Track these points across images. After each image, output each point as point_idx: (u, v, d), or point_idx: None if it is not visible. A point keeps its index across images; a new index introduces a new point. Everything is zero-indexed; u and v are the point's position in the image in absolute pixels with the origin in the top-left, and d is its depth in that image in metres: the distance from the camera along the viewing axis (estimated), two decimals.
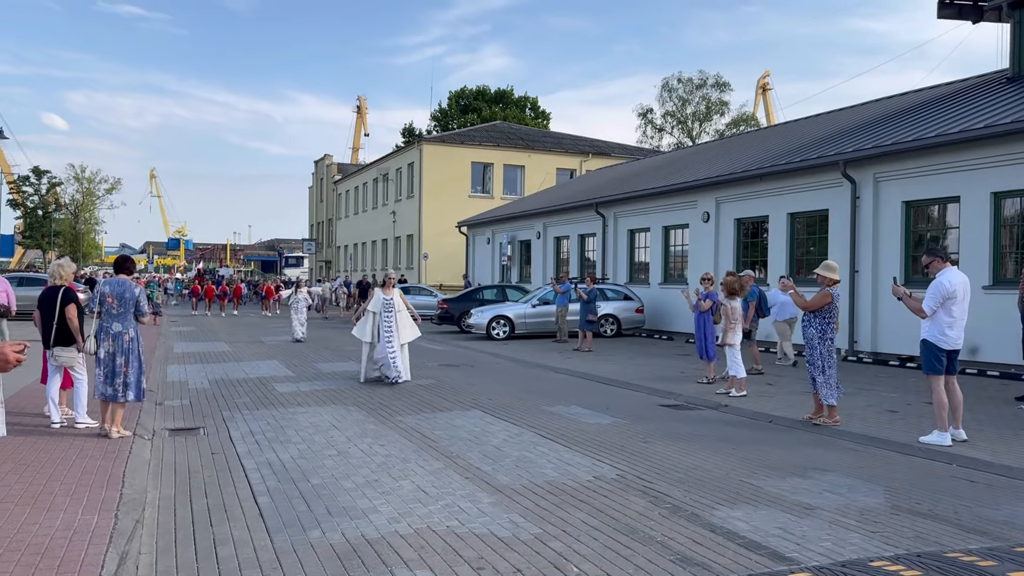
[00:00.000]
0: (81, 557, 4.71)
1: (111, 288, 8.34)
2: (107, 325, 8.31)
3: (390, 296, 13.35)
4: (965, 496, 6.42)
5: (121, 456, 7.38)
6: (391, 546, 5.14)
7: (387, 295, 13.36)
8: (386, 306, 13.28)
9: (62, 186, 70.19)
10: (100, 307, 8.35)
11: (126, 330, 8.33)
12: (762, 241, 20.05)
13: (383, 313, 13.25)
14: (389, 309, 13.27)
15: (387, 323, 13.16)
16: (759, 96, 77.76)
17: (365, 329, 13.27)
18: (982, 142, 14.05)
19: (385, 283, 13.60)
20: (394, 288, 13.58)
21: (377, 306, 13.30)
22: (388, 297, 13.33)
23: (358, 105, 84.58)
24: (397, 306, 13.33)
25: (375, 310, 13.27)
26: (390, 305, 13.29)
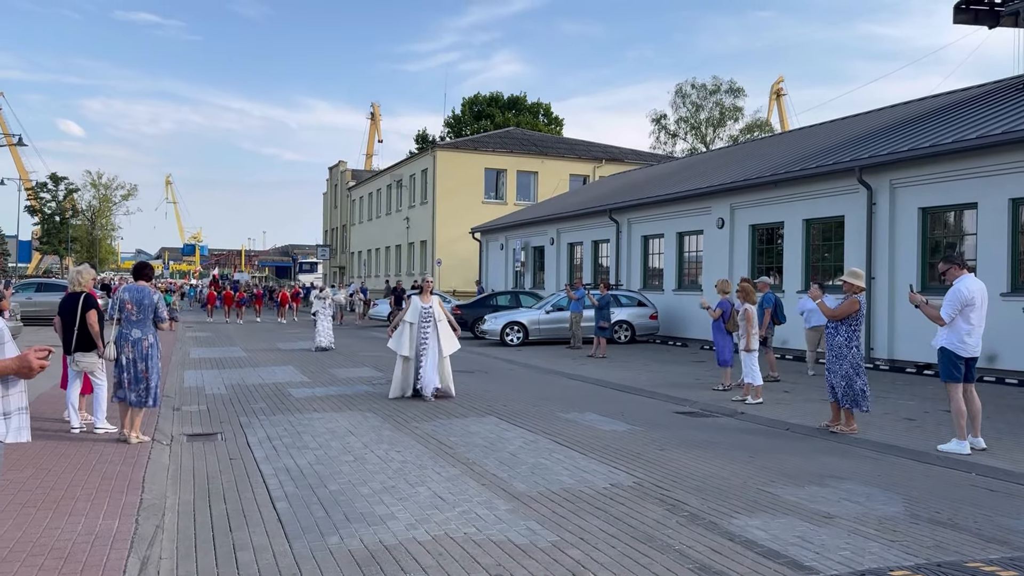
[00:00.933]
0: (103, 562, 4.75)
1: (130, 295, 8.41)
2: (127, 331, 8.38)
3: (428, 304, 12.14)
4: (985, 505, 6.38)
5: (140, 461, 7.44)
6: (409, 552, 5.16)
7: (425, 303, 12.13)
8: (424, 316, 12.06)
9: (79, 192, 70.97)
10: (120, 313, 8.42)
11: (145, 336, 8.40)
12: (777, 247, 19.97)
13: (421, 324, 12.06)
14: (427, 319, 12.07)
15: (424, 335, 12.00)
16: (773, 102, 77.59)
17: (402, 341, 11.98)
18: (1000, 148, 13.96)
19: (423, 289, 12.45)
20: (433, 295, 12.41)
21: (414, 316, 12.05)
22: (427, 306, 12.11)
23: (372, 111, 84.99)
24: (436, 315, 12.12)
25: (412, 320, 12.03)
26: (428, 315, 12.08)
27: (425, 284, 12.50)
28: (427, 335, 12.00)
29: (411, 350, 11.95)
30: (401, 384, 12.09)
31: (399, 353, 12.03)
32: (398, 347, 12.03)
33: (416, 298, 12.33)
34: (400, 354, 12.02)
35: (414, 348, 11.98)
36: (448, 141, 54.97)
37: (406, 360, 12.03)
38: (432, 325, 12.03)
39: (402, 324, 12.14)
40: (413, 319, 12.03)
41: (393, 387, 12.12)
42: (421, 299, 12.24)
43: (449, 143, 48.25)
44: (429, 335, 12.01)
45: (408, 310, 12.20)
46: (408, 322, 12.06)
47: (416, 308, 12.10)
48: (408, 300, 12.97)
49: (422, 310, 12.08)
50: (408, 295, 22.02)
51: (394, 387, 12.10)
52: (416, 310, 12.10)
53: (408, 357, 11.99)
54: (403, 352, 11.98)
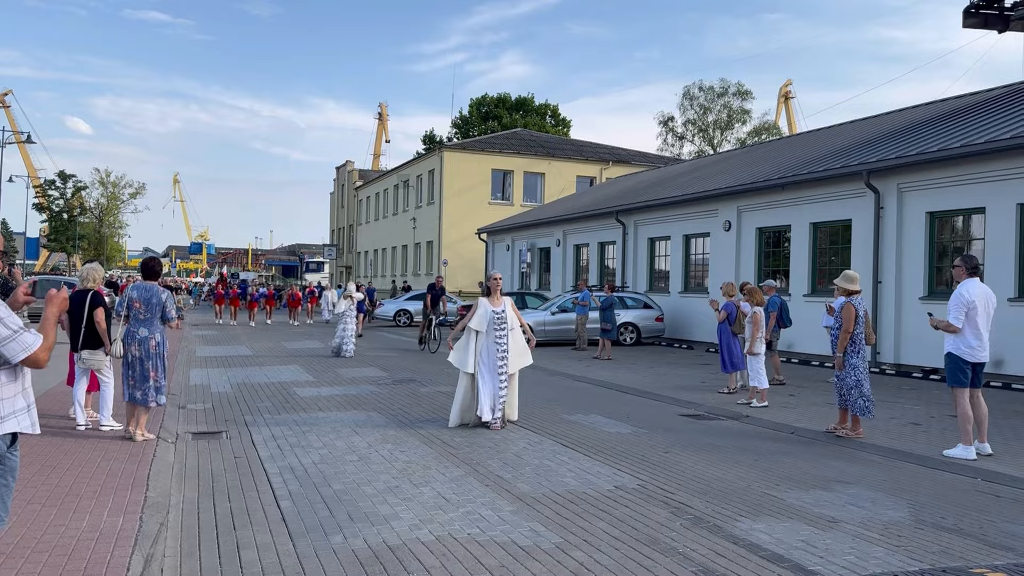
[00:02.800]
0: (107, 559, 4.76)
1: (138, 293, 8.42)
2: (134, 330, 8.40)
3: (501, 308, 9.73)
4: (991, 511, 6.35)
5: (145, 459, 7.45)
6: (413, 553, 5.16)
7: (496, 306, 9.73)
8: (496, 322, 9.65)
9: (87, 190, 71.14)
10: (127, 311, 8.44)
11: (152, 335, 8.41)
12: (784, 251, 19.93)
13: (493, 333, 9.66)
14: (501, 327, 9.65)
15: (499, 347, 9.62)
16: (781, 105, 77.52)
17: (466, 356, 9.69)
18: (1009, 153, 13.91)
19: (491, 290, 9.87)
20: (504, 297, 9.99)
21: (483, 323, 9.70)
22: (499, 309, 9.70)
23: (379, 112, 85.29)
24: (510, 322, 9.74)
25: (479, 328, 9.70)
26: (502, 321, 9.65)
27: (492, 283, 9.90)
28: (503, 348, 9.62)
29: (476, 365, 9.68)
30: (462, 409, 9.73)
31: (463, 370, 9.69)
32: (461, 363, 9.69)
33: (484, 301, 9.84)
34: (464, 371, 9.69)
35: (486, 364, 9.65)
36: (455, 142, 55.02)
37: (471, 379, 9.68)
38: (506, 335, 9.64)
39: (466, 333, 9.83)
40: (481, 327, 9.67)
41: (453, 413, 9.78)
42: (491, 301, 9.80)
43: (456, 144, 48.30)
44: (506, 348, 9.63)
45: (474, 315, 9.78)
46: (474, 330, 9.71)
47: (486, 313, 9.74)
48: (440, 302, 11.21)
49: (493, 315, 9.68)
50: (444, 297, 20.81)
51: (454, 413, 9.77)
52: (486, 316, 9.73)
53: (474, 375, 9.65)
54: (467, 368, 9.64)
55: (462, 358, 9.75)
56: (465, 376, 9.71)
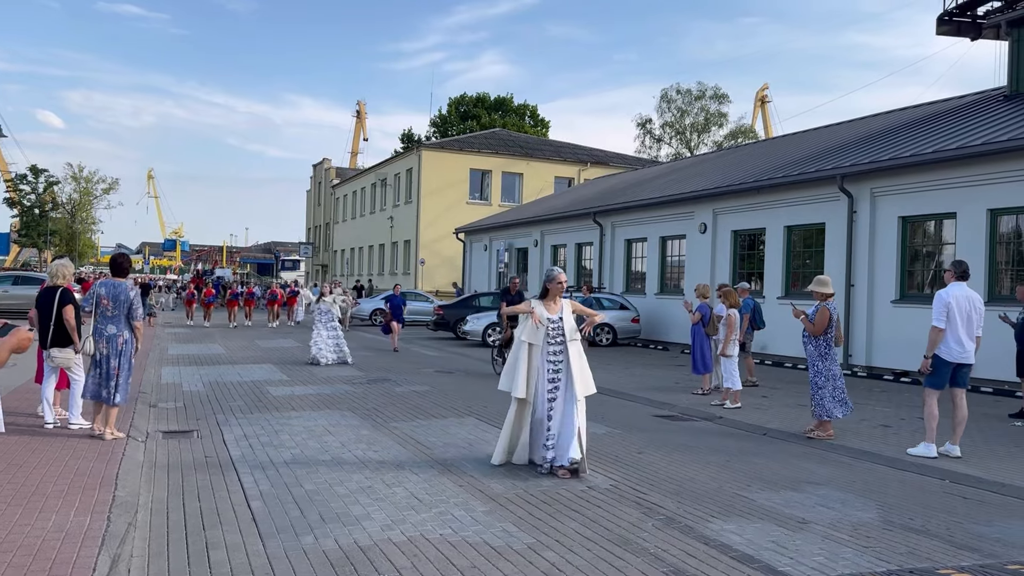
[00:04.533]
0: (73, 559, 4.69)
1: (106, 290, 8.31)
2: (101, 327, 8.29)
3: (558, 314, 7.60)
4: (958, 512, 6.43)
5: (114, 458, 7.36)
6: (384, 553, 5.13)
7: (553, 312, 7.61)
8: (553, 334, 7.52)
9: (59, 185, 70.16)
10: (95, 308, 8.33)
11: (120, 332, 8.30)
12: (759, 253, 20.09)
13: (549, 346, 7.52)
14: (558, 339, 7.51)
15: (552, 365, 7.50)
16: (758, 108, 78.00)
17: (516, 376, 7.53)
18: (979, 159, 14.12)
19: (548, 291, 7.71)
20: (563, 300, 7.79)
21: (537, 334, 7.54)
22: (555, 317, 7.57)
23: (357, 110, 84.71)
24: (569, 332, 7.54)
25: (534, 340, 7.54)
26: (557, 332, 7.52)
27: (553, 285, 7.67)
28: (560, 367, 7.49)
29: (530, 389, 7.56)
30: (510, 441, 7.69)
31: (514, 395, 7.57)
32: (513, 387, 7.57)
33: (537, 303, 7.71)
34: (515, 396, 7.57)
35: (538, 388, 7.53)
36: (434, 141, 54.91)
37: (522, 407, 7.64)
38: (565, 349, 7.51)
39: (516, 347, 7.68)
40: (535, 339, 7.55)
41: (498, 446, 7.74)
42: (546, 305, 7.65)
43: (434, 143, 48.19)
44: (563, 366, 7.48)
45: (528, 324, 7.65)
46: (525, 342, 7.57)
47: (543, 319, 7.58)
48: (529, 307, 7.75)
49: (550, 323, 7.54)
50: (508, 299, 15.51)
51: (498, 448, 7.74)
52: (541, 324, 7.58)
53: (527, 401, 7.59)
54: (517, 392, 7.51)
55: (510, 379, 7.62)
56: (515, 403, 7.61)
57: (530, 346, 7.56)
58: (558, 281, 7.69)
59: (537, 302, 7.72)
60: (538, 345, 7.52)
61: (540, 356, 7.53)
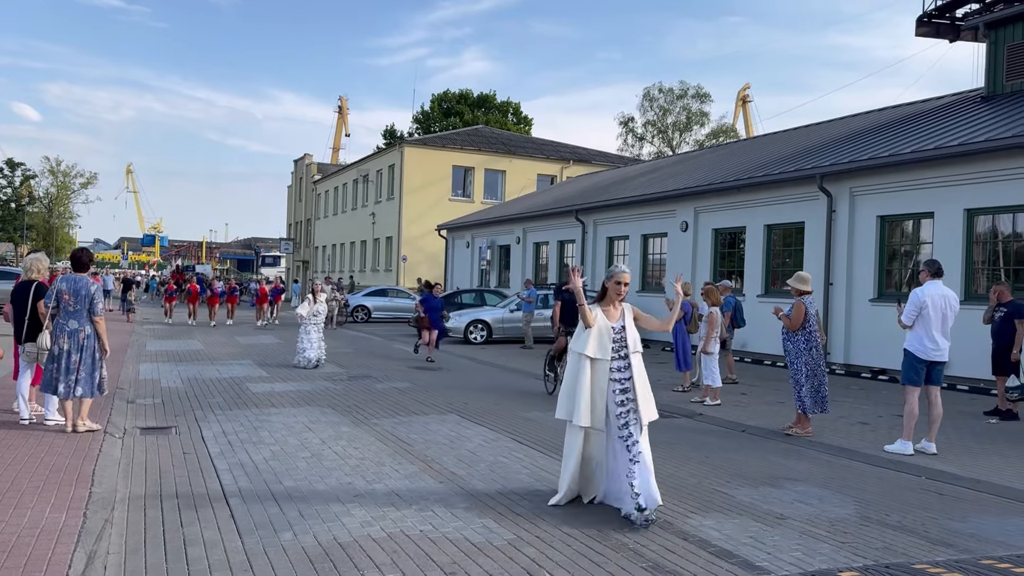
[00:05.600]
0: (48, 556, 4.65)
1: (67, 284, 8.23)
2: (63, 322, 8.20)
3: (619, 321, 6.29)
4: (933, 508, 6.51)
5: (91, 454, 7.29)
6: (363, 549, 5.12)
7: (614, 319, 6.29)
8: (615, 345, 6.22)
9: (36, 179, 69.35)
10: (57, 303, 8.24)
11: (82, 327, 8.21)
12: (739, 252, 20.20)
13: (616, 360, 6.19)
14: (622, 351, 6.21)
15: (619, 384, 6.14)
16: (739, 108, 78.38)
17: (576, 398, 6.14)
18: (957, 159, 14.27)
19: (606, 292, 6.40)
20: (623, 304, 6.40)
21: (598, 344, 6.18)
22: (617, 324, 6.26)
23: (339, 105, 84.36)
24: (633, 343, 6.26)
25: (596, 354, 6.16)
26: (620, 343, 6.23)
27: (613, 285, 6.34)
28: (627, 386, 6.13)
29: (597, 415, 6.12)
30: (574, 477, 6.28)
31: (576, 423, 6.15)
32: (574, 414, 6.13)
33: (596, 310, 6.29)
34: (576, 423, 6.15)
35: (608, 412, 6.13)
36: (416, 137, 54.75)
37: (585, 435, 6.22)
38: (630, 365, 6.18)
39: (575, 363, 6.28)
40: (596, 351, 6.15)
41: (562, 484, 6.32)
42: (603, 308, 6.33)
43: (417, 139, 48.02)
44: (630, 385, 6.13)
45: (585, 334, 6.21)
46: (585, 356, 6.17)
47: (601, 329, 6.20)
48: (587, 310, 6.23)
49: (612, 331, 6.21)
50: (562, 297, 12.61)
51: (562, 484, 6.32)
52: (602, 333, 6.19)
53: (593, 429, 6.17)
54: (580, 421, 6.11)
55: (571, 403, 6.18)
56: (576, 432, 6.20)
57: (592, 361, 6.16)
58: (621, 281, 6.31)
59: (594, 306, 6.30)
60: (603, 360, 6.14)
61: (602, 373, 6.13)
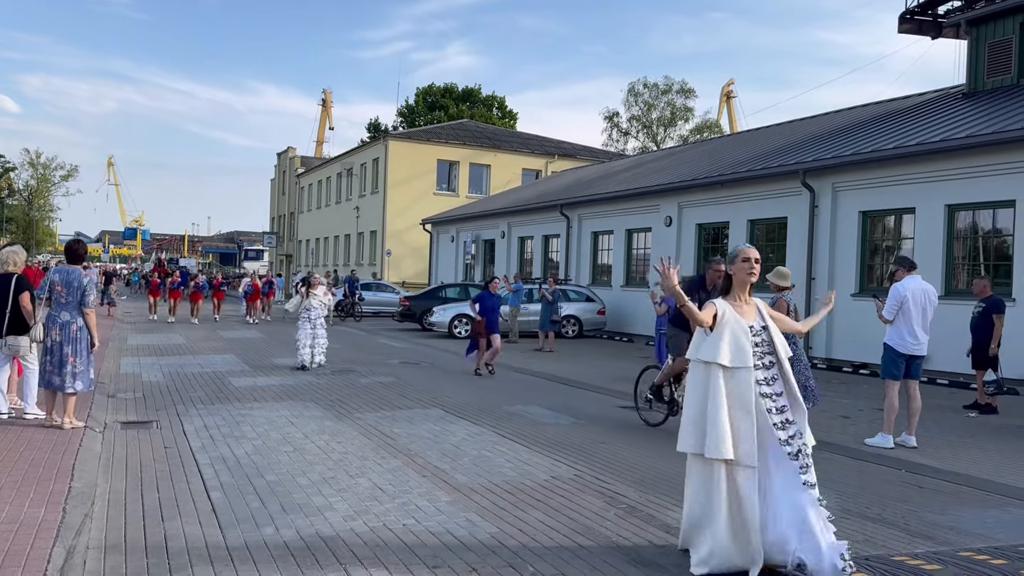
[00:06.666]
0: (26, 551, 4.60)
1: (60, 276, 8.16)
2: (55, 314, 8.13)
3: (758, 320, 4.93)
4: (913, 501, 6.57)
5: (71, 449, 7.22)
6: (346, 544, 5.10)
7: (749, 316, 4.90)
8: (759, 348, 4.83)
9: (16, 171, 68.61)
10: (49, 295, 8.17)
11: (74, 319, 8.15)
12: (723, 247, 20.29)
13: (761, 369, 4.81)
14: (766, 357, 4.85)
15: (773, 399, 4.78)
16: (723, 103, 78.59)
17: (717, 426, 4.62)
18: (938, 155, 14.39)
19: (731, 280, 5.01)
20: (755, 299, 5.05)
21: (736, 351, 4.74)
22: (755, 323, 4.89)
23: (323, 98, 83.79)
24: (781, 347, 4.90)
25: (729, 361, 4.71)
26: (766, 347, 4.87)
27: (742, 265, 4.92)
28: (784, 402, 4.80)
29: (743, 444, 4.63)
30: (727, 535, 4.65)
31: (711, 455, 4.65)
32: (705, 442, 4.68)
33: (725, 305, 4.88)
34: (713, 456, 4.64)
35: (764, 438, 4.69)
36: (401, 131, 54.56)
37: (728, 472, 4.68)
38: (781, 374, 4.84)
39: (699, 374, 4.86)
40: (732, 357, 4.73)
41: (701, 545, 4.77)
42: (731, 303, 4.91)
43: (402, 133, 47.87)
44: (786, 401, 4.81)
45: (712, 338, 4.80)
46: (717, 365, 4.73)
47: (735, 330, 4.78)
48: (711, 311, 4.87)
49: (752, 335, 4.82)
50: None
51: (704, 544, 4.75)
52: (736, 334, 4.77)
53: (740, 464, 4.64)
54: (721, 452, 4.60)
55: (699, 430, 4.69)
56: (713, 469, 4.64)
57: (727, 372, 4.62)
58: (749, 257, 4.82)
59: (724, 303, 4.80)
60: (743, 369, 4.63)
61: (744, 387, 4.63)
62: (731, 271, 4.95)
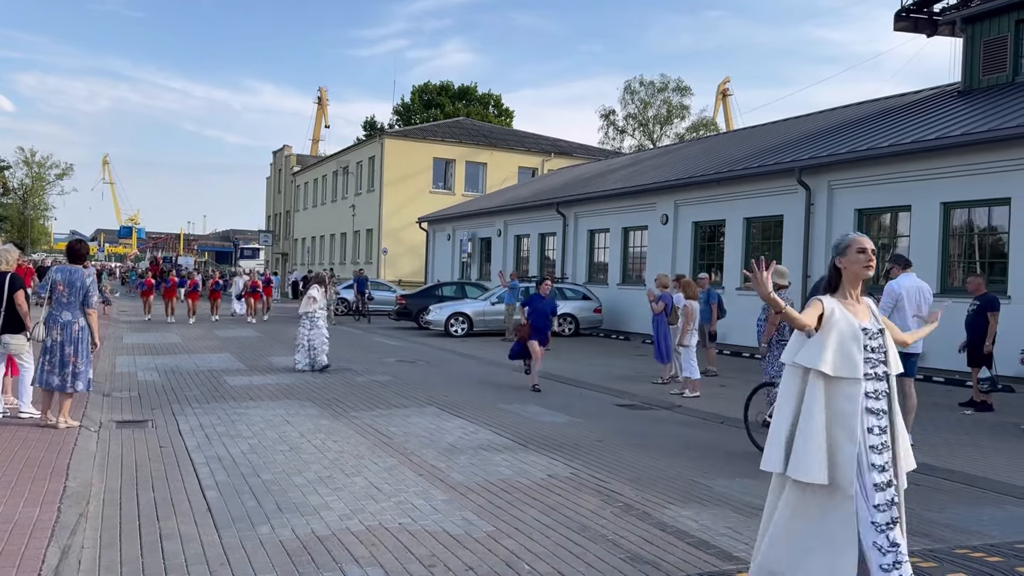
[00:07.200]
0: (21, 551, 4.58)
1: (62, 275, 8.13)
2: (56, 313, 8.10)
3: (872, 322, 3.94)
4: (909, 499, 6.51)
5: (66, 448, 7.20)
6: (342, 543, 5.10)
7: (863, 317, 3.92)
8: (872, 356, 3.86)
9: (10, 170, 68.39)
10: (50, 295, 8.14)
11: (76, 319, 8.12)
12: (719, 245, 20.30)
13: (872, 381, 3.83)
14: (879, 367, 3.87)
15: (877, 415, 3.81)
16: (719, 101, 78.59)
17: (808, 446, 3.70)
18: (933, 153, 14.40)
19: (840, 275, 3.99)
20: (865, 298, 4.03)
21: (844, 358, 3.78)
22: (871, 325, 3.91)
23: (319, 96, 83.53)
24: (894, 358, 3.94)
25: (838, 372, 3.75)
26: (880, 351, 3.89)
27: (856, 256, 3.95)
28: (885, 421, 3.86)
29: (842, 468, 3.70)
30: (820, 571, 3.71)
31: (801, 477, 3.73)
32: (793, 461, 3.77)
33: (834, 303, 3.91)
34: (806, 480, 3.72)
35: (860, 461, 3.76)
36: (397, 129, 54.51)
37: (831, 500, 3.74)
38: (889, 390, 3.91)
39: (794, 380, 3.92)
40: (839, 365, 3.79)
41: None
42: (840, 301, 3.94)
43: (397, 131, 47.83)
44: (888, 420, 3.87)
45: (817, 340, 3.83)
46: (820, 373, 3.80)
47: (844, 333, 3.82)
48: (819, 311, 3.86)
49: (864, 339, 3.87)
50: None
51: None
52: (845, 338, 3.82)
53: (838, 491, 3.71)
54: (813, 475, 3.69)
55: (786, 446, 3.86)
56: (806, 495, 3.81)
57: (830, 382, 3.80)
58: (865, 247, 3.96)
59: (832, 301, 3.93)
60: (851, 381, 3.79)
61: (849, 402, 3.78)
62: (841, 264, 4.00)
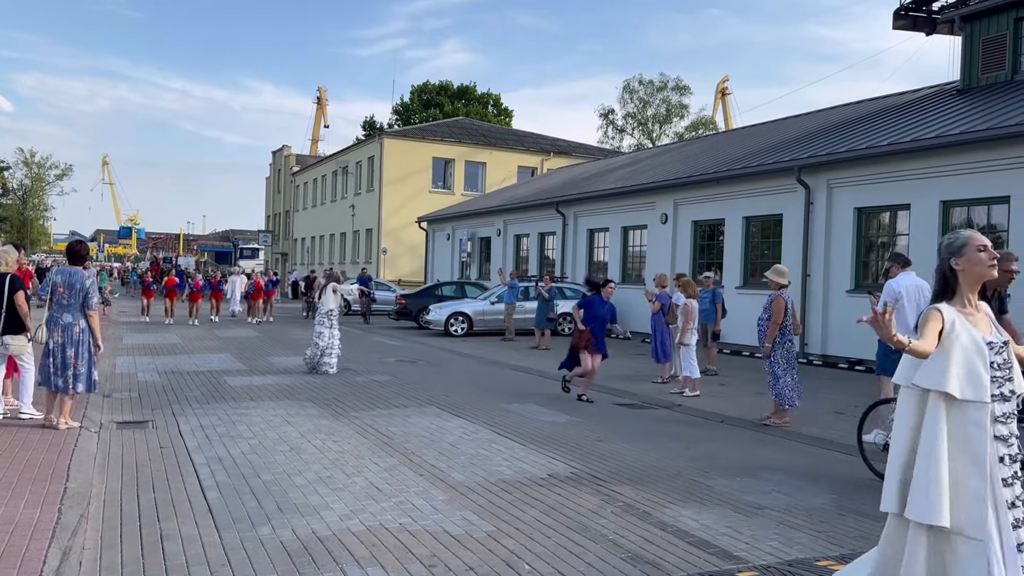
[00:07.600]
0: (22, 552, 4.59)
1: (62, 277, 8.13)
2: (57, 315, 8.10)
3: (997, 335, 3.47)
4: None
5: (66, 449, 7.21)
6: (342, 543, 5.10)
7: (987, 330, 3.46)
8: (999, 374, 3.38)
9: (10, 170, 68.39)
10: (51, 296, 8.14)
11: (76, 321, 8.12)
12: (718, 244, 20.31)
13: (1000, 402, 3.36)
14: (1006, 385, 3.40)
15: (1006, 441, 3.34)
16: (718, 100, 78.57)
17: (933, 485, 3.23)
18: (933, 152, 14.41)
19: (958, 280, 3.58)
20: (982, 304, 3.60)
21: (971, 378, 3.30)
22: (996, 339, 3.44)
23: (318, 96, 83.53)
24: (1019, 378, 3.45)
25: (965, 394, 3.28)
26: (1006, 367, 3.41)
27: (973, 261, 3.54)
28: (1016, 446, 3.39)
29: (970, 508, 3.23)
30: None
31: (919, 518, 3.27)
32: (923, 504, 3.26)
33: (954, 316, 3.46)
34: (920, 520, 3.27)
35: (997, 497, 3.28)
36: (396, 129, 54.51)
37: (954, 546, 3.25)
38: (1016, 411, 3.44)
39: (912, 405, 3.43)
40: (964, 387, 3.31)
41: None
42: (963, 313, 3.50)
43: (397, 131, 47.83)
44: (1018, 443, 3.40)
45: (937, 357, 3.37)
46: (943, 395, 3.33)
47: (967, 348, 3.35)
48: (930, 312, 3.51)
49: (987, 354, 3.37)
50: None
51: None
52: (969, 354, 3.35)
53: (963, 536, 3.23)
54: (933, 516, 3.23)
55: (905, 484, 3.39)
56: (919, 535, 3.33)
57: (951, 405, 3.35)
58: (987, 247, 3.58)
59: (951, 309, 3.52)
60: (978, 404, 3.33)
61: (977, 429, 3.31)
62: (959, 265, 3.55)
